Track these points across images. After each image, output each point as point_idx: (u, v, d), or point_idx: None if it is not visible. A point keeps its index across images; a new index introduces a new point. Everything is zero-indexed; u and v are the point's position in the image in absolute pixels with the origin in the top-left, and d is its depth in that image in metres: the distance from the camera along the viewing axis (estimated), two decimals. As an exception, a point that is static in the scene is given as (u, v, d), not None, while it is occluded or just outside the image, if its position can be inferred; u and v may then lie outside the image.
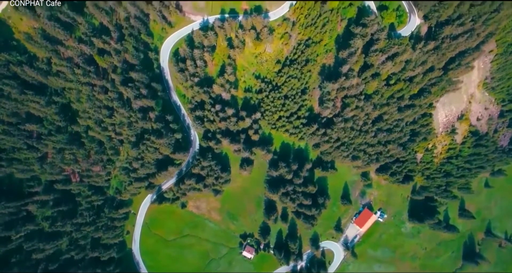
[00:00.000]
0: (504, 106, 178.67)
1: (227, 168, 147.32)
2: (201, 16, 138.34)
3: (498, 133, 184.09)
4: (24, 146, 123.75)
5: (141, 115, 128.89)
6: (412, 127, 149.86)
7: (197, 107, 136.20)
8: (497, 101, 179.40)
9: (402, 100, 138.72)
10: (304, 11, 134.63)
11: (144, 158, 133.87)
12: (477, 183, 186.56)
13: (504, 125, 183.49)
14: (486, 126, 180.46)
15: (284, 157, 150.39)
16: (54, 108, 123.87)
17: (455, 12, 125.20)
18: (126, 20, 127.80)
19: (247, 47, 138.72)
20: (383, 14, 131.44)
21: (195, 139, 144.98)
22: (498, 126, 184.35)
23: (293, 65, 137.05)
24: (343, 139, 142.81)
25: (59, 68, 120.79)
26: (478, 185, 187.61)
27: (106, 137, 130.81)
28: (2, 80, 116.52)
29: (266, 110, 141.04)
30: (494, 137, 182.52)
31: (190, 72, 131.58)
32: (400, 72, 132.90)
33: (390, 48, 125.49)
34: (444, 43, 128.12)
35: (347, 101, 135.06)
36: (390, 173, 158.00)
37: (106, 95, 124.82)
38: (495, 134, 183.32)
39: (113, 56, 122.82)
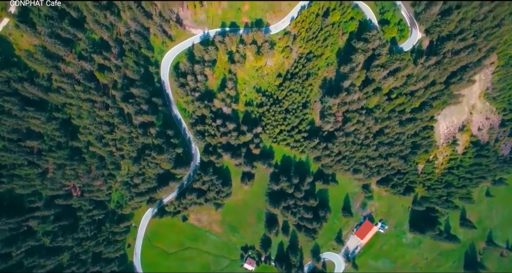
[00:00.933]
0: (505, 115, 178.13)
1: (228, 181, 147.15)
2: (201, 29, 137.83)
3: (499, 143, 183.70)
4: (24, 162, 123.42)
5: (142, 131, 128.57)
6: (413, 139, 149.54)
7: (198, 121, 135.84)
8: (498, 111, 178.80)
9: (404, 114, 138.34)
10: (305, 25, 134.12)
11: (145, 173, 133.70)
12: (478, 192, 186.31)
13: (505, 134, 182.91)
14: (487, 135, 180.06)
15: (285, 170, 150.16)
16: (54, 124, 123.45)
17: (457, 27, 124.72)
18: (127, 35, 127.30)
19: (248, 60, 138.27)
20: (385, 29, 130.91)
21: (196, 153, 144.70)
22: (499, 135, 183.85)
23: (294, 79, 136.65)
24: (344, 152, 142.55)
25: (60, 85, 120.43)
26: (479, 194, 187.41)
27: (107, 152, 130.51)
28: (2, 97, 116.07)
29: (267, 124, 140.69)
30: (495, 146, 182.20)
31: (190, 87, 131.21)
32: (402, 87, 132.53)
33: (392, 63, 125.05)
34: (446, 58, 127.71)
35: (348, 115, 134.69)
36: (391, 185, 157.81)
37: (107, 112, 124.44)
38: (496, 143, 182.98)
39: (114, 72, 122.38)
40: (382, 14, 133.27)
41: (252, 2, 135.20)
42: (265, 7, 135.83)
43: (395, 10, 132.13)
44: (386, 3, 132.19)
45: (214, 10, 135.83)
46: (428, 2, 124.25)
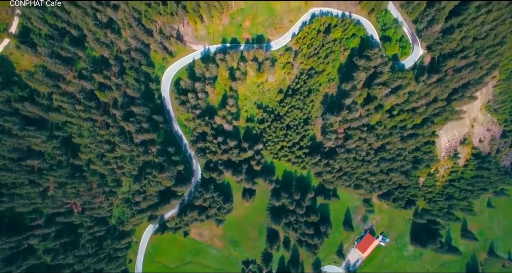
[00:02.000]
0: (507, 126, 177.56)
1: (230, 197, 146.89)
2: (202, 45, 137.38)
3: (501, 154, 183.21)
4: (25, 180, 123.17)
5: (143, 149, 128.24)
6: (414, 154, 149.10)
7: (198, 138, 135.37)
8: (500, 122, 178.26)
9: (405, 130, 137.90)
10: (307, 41, 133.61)
11: (146, 191, 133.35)
12: (479, 203, 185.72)
13: (506, 145, 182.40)
14: (488, 147, 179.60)
15: (287, 185, 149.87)
16: (55, 143, 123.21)
17: (459, 45, 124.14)
18: (127, 53, 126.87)
19: (249, 76, 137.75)
20: (386, 46, 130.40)
21: (197, 169, 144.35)
22: (500, 146, 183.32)
23: (296, 95, 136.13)
24: (345, 168, 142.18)
25: (60, 104, 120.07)
26: (481, 205, 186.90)
27: (108, 170, 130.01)
28: (3, 117, 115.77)
29: (268, 140, 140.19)
30: (496, 157, 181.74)
31: (191, 104, 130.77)
32: (403, 103, 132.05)
33: (394, 81, 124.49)
34: (448, 75, 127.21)
35: (350, 132, 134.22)
36: (392, 199, 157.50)
37: (108, 131, 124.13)
38: (497, 154, 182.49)
39: (114, 91, 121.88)
40: (384, 30, 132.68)
41: (253, 18, 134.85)
42: (266, 23, 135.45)
43: (396, 27, 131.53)
44: (387, 20, 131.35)
45: (215, 26, 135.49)
46: (430, 20, 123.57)
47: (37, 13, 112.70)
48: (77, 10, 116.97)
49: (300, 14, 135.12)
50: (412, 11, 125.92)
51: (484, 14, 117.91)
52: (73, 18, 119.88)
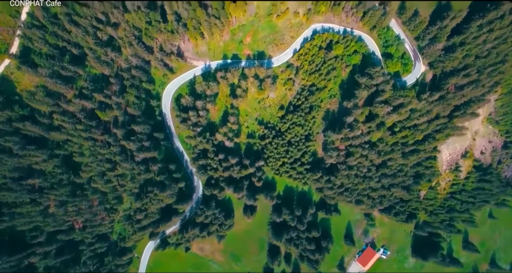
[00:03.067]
0: (508, 137, 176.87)
1: (231, 213, 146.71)
2: (203, 61, 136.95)
3: (502, 165, 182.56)
4: (26, 199, 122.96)
5: (144, 168, 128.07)
6: (416, 169, 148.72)
7: (200, 156, 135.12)
8: (501, 133, 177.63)
9: (407, 146, 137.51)
10: (308, 58, 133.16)
11: (147, 209, 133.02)
12: (481, 213, 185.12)
13: (508, 156, 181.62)
14: (490, 158, 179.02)
15: (288, 200, 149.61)
16: (56, 161, 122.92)
17: (461, 63, 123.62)
18: (127, 71, 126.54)
19: (250, 92, 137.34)
20: (388, 63, 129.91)
21: (198, 185, 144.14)
22: (502, 157, 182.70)
23: (297, 112, 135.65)
24: (346, 184, 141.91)
25: (61, 124, 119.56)
26: (482, 216, 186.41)
27: (109, 188, 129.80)
28: (4, 137, 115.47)
29: (270, 157, 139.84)
30: (498, 168, 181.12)
31: (192, 122, 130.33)
32: (405, 121, 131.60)
33: (396, 99, 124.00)
34: (450, 93, 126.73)
35: (351, 150, 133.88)
36: (393, 213, 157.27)
37: (109, 150, 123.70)
38: (498, 165, 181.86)
39: (115, 110, 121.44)
40: (385, 47, 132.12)
41: (254, 34, 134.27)
42: (267, 39, 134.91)
43: (398, 44, 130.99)
44: (389, 37, 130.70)
45: (216, 42, 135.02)
46: (432, 37, 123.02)
47: (38, 34, 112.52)
48: (77, 30, 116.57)
49: (302, 30, 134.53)
50: (414, 28, 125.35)
51: (486, 33, 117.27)
52: (73, 37, 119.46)
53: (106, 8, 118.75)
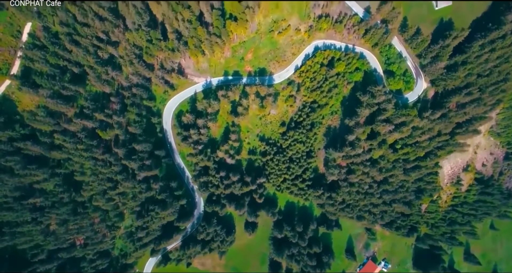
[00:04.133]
0: (510, 149, 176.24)
1: (232, 228, 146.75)
2: (204, 78, 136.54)
3: (504, 176, 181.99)
4: (27, 218, 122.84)
5: (145, 186, 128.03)
6: (417, 184, 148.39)
7: (201, 173, 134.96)
8: (502, 144, 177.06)
9: (408, 163, 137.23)
10: (310, 75, 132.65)
11: (149, 227, 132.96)
12: (482, 225, 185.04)
13: (509, 167, 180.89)
14: (491, 169, 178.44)
15: (289, 215, 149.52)
16: (57, 180, 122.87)
17: (463, 82, 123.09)
18: (128, 89, 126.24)
19: (251, 109, 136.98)
20: (390, 81, 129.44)
21: (199, 201, 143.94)
22: (503, 168, 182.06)
23: (298, 129, 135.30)
24: (348, 201, 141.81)
25: (62, 143, 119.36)
26: (483, 227, 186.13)
27: (111, 206, 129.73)
28: (5, 157, 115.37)
29: (271, 173, 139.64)
30: (499, 180, 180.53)
31: (193, 140, 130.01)
32: (407, 138, 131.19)
33: (397, 118, 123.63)
34: (452, 111, 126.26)
35: (353, 167, 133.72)
36: (395, 227, 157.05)
37: (110, 169, 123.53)
38: (500, 177, 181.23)
39: (116, 129, 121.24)
40: (387, 64, 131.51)
41: (255, 50, 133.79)
42: (268, 56, 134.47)
43: (400, 62, 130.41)
44: (391, 55, 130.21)
45: (217, 59, 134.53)
46: (434, 56, 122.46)
47: (39, 54, 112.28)
48: (78, 49, 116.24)
49: (303, 46, 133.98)
50: (416, 46, 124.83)
51: (488, 52, 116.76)
52: (74, 56, 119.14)
53: (107, 27, 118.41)
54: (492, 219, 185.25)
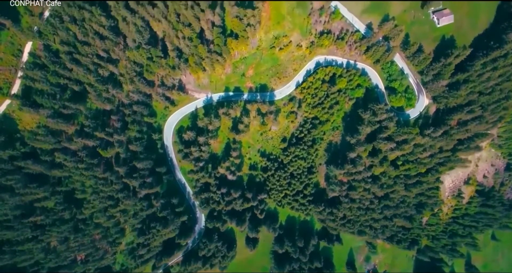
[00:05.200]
0: (511, 159, 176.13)
1: (233, 243, 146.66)
2: (204, 93, 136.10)
3: (505, 187, 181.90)
4: (28, 235, 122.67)
5: (147, 204, 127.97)
6: (418, 199, 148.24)
7: (202, 189, 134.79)
8: (503, 155, 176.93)
9: (409, 178, 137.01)
10: (311, 91, 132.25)
11: (150, 244, 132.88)
12: (483, 235, 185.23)
13: (510, 178, 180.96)
14: (492, 180, 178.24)
15: (290, 229, 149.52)
16: (57, 198, 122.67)
17: (464, 99, 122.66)
18: (129, 107, 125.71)
19: (252, 125, 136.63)
20: (392, 99, 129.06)
21: (200, 216, 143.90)
22: (504, 179, 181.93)
23: (300, 145, 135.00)
24: (349, 216, 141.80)
25: (63, 162, 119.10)
26: (485, 238, 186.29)
27: (112, 223, 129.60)
28: (5, 176, 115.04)
29: (272, 189, 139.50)
30: (500, 190, 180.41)
31: (194, 157, 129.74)
32: (408, 155, 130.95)
33: (399, 136, 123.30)
34: (453, 128, 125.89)
35: (354, 184, 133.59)
36: (396, 240, 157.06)
37: (111, 187, 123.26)
38: (501, 187, 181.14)
39: (117, 148, 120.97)
40: (389, 81, 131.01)
41: (256, 66, 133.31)
42: (269, 72, 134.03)
43: (402, 79, 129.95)
44: (393, 71, 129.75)
45: (218, 75, 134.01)
46: (436, 74, 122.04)
47: (40, 74, 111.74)
48: (78, 68, 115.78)
49: (304, 62, 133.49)
50: (418, 64, 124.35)
51: (489, 71, 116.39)
52: (74, 74, 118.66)
53: (107, 45, 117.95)
54: (493, 231, 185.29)
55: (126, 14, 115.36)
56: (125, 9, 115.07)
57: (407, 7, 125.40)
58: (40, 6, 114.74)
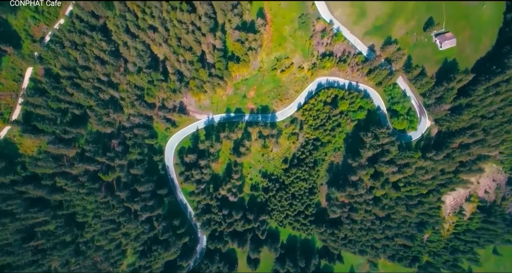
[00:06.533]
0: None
1: (235, 264, 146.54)
2: (206, 114, 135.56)
3: (506, 201, 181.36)
4: (29, 260, 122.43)
5: (148, 227, 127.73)
6: (420, 218, 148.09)
7: (203, 211, 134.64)
8: (505, 170, 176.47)
9: (411, 199, 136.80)
10: (313, 113, 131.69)
11: (151, 266, 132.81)
12: (485, 250, 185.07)
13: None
14: (494, 195, 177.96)
15: (291, 248, 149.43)
16: (58, 222, 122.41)
17: (467, 123, 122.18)
18: (130, 130, 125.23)
19: (253, 146, 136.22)
20: (394, 122, 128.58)
21: (202, 236, 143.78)
22: (506, 194, 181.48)
23: (301, 167, 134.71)
24: (350, 237, 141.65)
25: (64, 187, 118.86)
26: (486, 252, 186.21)
27: (113, 245, 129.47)
28: (6, 202, 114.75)
29: (273, 209, 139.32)
30: (502, 205, 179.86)
31: (196, 179, 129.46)
32: (410, 177, 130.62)
33: (401, 160, 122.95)
34: (455, 151, 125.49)
35: (355, 206, 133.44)
36: (397, 258, 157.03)
37: (112, 211, 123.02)
38: (503, 202, 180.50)
39: (118, 172, 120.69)
40: (392, 104, 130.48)
41: (258, 88, 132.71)
42: (271, 94, 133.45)
43: (404, 102, 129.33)
44: (395, 94, 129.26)
45: (219, 96, 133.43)
46: (438, 97, 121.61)
47: (40, 100, 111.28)
48: (79, 93, 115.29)
49: (306, 84, 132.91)
50: (421, 87, 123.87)
51: (492, 96, 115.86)
52: (75, 98, 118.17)
53: (108, 69, 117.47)
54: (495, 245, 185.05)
55: (126, 39, 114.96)
56: (125, 33, 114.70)
57: (409, 29, 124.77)
58: (41, 31, 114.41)
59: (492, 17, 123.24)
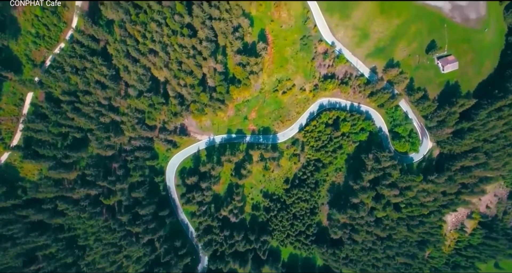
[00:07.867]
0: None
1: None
2: (207, 135, 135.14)
3: (508, 216, 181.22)
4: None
5: (150, 249, 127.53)
6: (421, 237, 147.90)
7: (205, 231, 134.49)
8: (506, 184, 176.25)
9: (412, 220, 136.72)
10: (315, 134, 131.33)
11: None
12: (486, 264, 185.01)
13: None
14: (495, 210, 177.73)
15: (292, 267, 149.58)
16: (59, 245, 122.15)
17: (469, 146, 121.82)
18: (131, 153, 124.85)
19: (254, 168, 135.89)
20: (396, 144, 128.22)
21: (203, 256, 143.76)
22: (507, 208, 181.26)
23: (302, 187, 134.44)
24: (351, 256, 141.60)
25: (65, 211, 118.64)
26: (487, 266, 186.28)
27: (115, 267, 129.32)
28: (7, 226, 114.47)
29: (275, 229, 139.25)
30: (503, 219, 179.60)
31: (197, 201, 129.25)
32: (412, 199, 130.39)
33: (403, 183, 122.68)
34: (457, 174, 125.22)
35: (356, 227, 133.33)
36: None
37: (114, 235, 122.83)
38: (504, 216, 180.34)
39: (119, 196, 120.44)
40: (393, 126, 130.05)
41: (259, 109, 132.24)
42: (272, 115, 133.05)
43: (406, 124, 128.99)
44: (397, 116, 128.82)
45: (220, 118, 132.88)
46: (440, 120, 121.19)
47: (41, 126, 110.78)
48: (80, 118, 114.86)
49: (308, 105, 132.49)
50: (423, 109, 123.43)
51: (494, 120, 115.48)
52: (76, 123, 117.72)
53: (108, 94, 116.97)
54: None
55: (127, 63, 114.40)
56: (126, 58, 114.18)
57: (411, 51, 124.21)
58: (42, 55, 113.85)
59: (494, 40, 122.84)
